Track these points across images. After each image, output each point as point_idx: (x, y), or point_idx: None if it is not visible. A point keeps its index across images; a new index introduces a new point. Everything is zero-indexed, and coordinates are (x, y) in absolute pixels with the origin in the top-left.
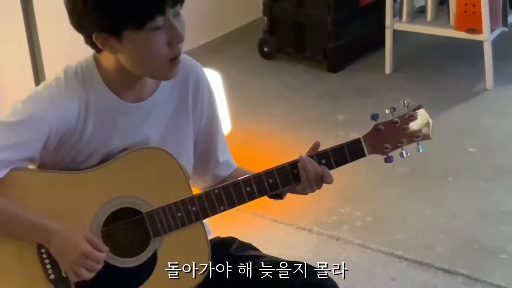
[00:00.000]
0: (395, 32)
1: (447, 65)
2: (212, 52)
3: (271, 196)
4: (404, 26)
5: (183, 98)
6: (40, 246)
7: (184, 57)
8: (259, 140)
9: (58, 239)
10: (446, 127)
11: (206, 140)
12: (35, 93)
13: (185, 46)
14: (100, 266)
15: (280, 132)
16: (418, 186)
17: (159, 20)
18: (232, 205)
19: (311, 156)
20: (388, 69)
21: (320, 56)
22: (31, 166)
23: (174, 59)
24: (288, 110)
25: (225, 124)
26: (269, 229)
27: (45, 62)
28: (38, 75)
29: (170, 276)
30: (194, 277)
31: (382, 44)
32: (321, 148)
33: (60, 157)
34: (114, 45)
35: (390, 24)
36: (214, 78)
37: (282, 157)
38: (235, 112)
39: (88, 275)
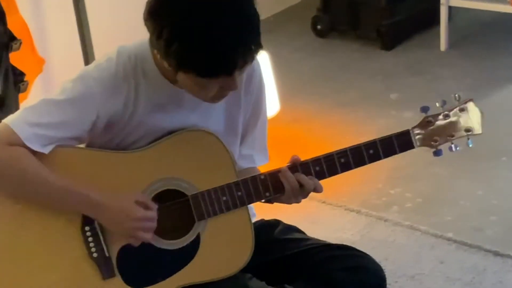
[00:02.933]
0: (451, 9)
1: (503, 42)
2: (265, 30)
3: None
4: (459, 2)
5: (236, 92)
6: (83, 225)
7: None
8: (310, 120)
9: (109, 208)
10: (501, 106)
11: (242, 131)
12: (85, 73)
13: None
14: (155, 224)
15: (331, 112)
16: (470, 167)
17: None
18: (277, 191)
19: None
20: (443, 46)
21: (373, 34)
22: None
23: (217, 96)
24: (339, 89)
25: (274, 103)
26: (317, 210)
27: (94, 41)
28: (87, 53)
29: (213, 259)
30: (237, 261)
31: (437, 21)
32: (371, 129)
33: (109, 138)
34: (170, 67)
35: (445, 0)
36: (263, 57)
37: (333, 137)
38: (286, 91)
39: (148, 236)
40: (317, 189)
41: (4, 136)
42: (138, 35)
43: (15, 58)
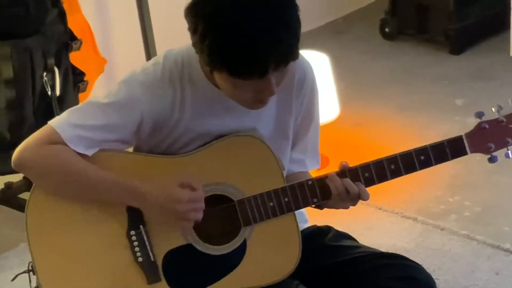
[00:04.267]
0: None
1: None
2: (333, 32)
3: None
4: None
5: (287, 95)
6: (129, 230)
7: None
8: (373, 123)
9: (155, 196)
10: None
11: (294, 135)
12: (132, 76)
13: (306, 26)
14: (203, 204)
15: (395, 116)
16: None
17: (256, 77)
18: (324, 197)
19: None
20: None
21: (441, 37)
22: (129, 149)
23: (256, 102)
24: (405, 93)
25: (334, 107)
26: (373, 217)
27: (157, 41)
28: (150, 54)
29: (259, 266)
30: (284, 268)
31: (507, 26)
32: (433, 134)
33: (157, 143)
34: (206, 65)
35: None
36: (323, 60)
37: (396, 141)
38: (351, 94)
39: (198, 216)
40: (362, 196)
41: (47, 138)
42: None
43: (76, 58)
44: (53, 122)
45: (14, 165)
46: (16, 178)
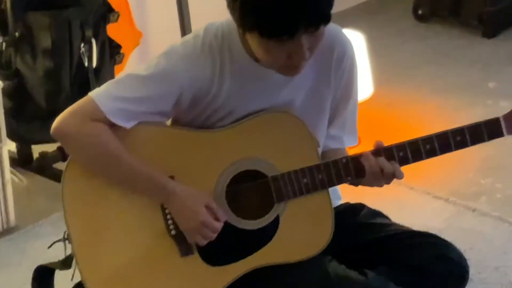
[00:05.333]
0: None
1: None
2: (366, 13)
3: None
4: None
5: (326, 68)
6: None
7: (335, 29)
8: (404, 105)
9: (180, 202)
10: None
11: (332, 111)
12: (171, 49)
13: (340, 6)
14: (215, 235)
15: (427, 98)
16: None
17: (286, 38)
18: (358, 175)
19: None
20: None
21: (475, 20)
22: (168, 122)
23: (290, 67)
24: (437, 76)
25: (367, 86)
26: (405, 196)
27: (192, 16)
28: (185, 28)
29: (292, 241)
30: (316, 244)
31: None
32: (465, 117)
33: (194, 116)
34: (239, 28)
35: None
36: (358, 39)
37: (427, 123)
38: (382, 75)
39: (203, 242)
40: (397, 175)
41: (87, 110)
42: None
43: (113, 30)
44: (94, 94)
45: (53, 134)
46: (50, 147)
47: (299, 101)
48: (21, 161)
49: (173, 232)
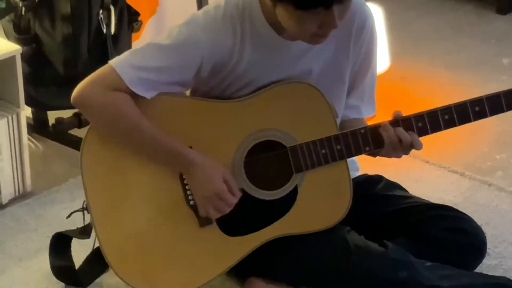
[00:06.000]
0: None
1: None
2: None
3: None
4: None
5: (345, 39)
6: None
7: (357, 0)
8: (418, 79)
9: (198, 172)
10: None
11: (351, 81)
12: (193, 19)
13: None
14: (229, 210)
15: (441, 73)
16: None
17: (320, 9)
18: (377, 145)
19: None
20: None
21: None
22: (187, 92)
23: (318, 36)
24: (451, 51)
25: (384, 60)
26: (420, 170)
27: None
28: (202, 4)
29: (310, 212)
30: (334, 215)
31: None
32: (480, 93)
33: (213, 86)
34: (269, 3)
35: None
36: (377, 12)
37: (441, 98)
38: (397, 49)
39: (216, 215)
40: (415, 145)
41: (108, 80)
42: None
43: None
44: (114, 62)
45: (73, 102)
46: (66, 114)
47: (317, 70)
48: (37, 127)
49: (192, 202)
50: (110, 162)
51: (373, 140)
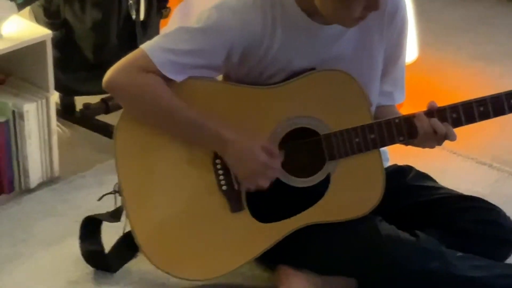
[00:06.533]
0: None
1: None
2: None
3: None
4: None
5: (378, 25)
6: (215, 157)
7: None
8: (445, 70)
9: (236, 149)
10: None
11: (383, 66)
12: (223, 3)
13: None
14: (276, 174)
15: (467, 64)
16: None
17: None
18: (410, 135)
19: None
20: None
21: None
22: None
23: (357, 19)
24: (477, 42)
25: (412, 50)
26: (448, 160)
27: None
28: None
29: (342, 200)
30: (366, 204)
31: None
32: (508, 85)
33: (245, 73)
34: None
35: None
36: (407, 1)
37: (467, 89)
38: (424, 40)
39: (265, 184)
40: (449, 136)
41: (139, 62)
42: None
43: None
44: (145, 46)
45: (105, 86)
46: (94, 99)
47: (349, 55)
48: (64, 112)
49: (224, 187)
50: (143, 146)
51: (407, 130)
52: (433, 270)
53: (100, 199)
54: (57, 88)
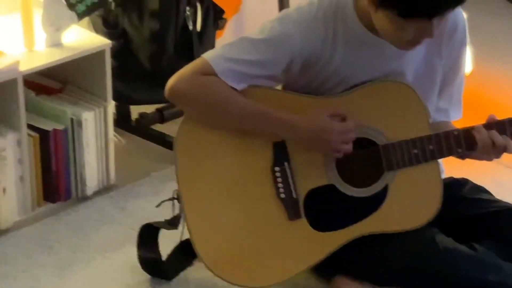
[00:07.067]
0: None
1: None
2: None
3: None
4: None
5: (437, 42)
6: (274, 165)
7: None
8: (500, 85)
9: (305, 127)
10: None
11: (440, 83)
12: (286, 15)
13: None
14: (354, 134)
15: None
16: None
17: (422, 19)
18: (469, 148)
19: None
20: None
21: None
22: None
23: (412, 43)
24: None
25: (467, 63)
26: (503, 174)
27: None
28: (283, 4)
29: (399, 211)
30: (424, 215)
31: None
32: None
33: (305, 82)
34: (370, 6)
35: None
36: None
37: None
38: (478, 52)
39: (349, 147)
40: (508, 149)
41: (200, 70)
42: None
43: None
44: (207, 55)
45: (167, 94)
46: (149, 108)
47: (410, 72)
48: (120, 121)
49: (282, 196)
50: (203, 154)
51: (466, 142)
52: (492, 282)
53: (158, 205)
54: (113, 97)
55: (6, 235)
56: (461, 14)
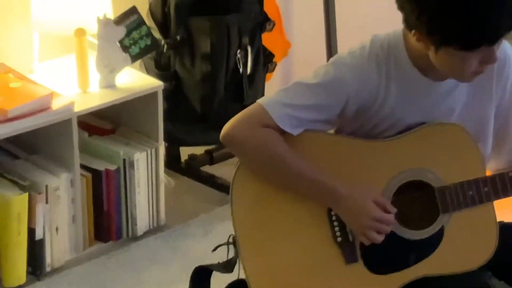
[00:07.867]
0: None
1: None
2: None
3: None
4: None
5: (487, 78)
6: (330, 208)
7: None
8: None
9: (349, 204)
10: None
11: (504, 122)
12: (339, 59)
13: None
14: (390, 228)
15: None
16: None
17: (484, 47)
18: None
19: None
20: None
21: None
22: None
23: (475, 73)
24: None
25: None
26: None
27: (339, 33)
28: (331, 44)
29: (455, 253)
30: (479, 257)
31: None
32: None
33: (358, 126)
34: (428, 47)
35: None
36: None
37: None
38: None
39: (379, 238)
40: None
41: (257, 116)
42: (385, 30)
43: (265, 39)
44: (263, 101)
45: (222, 140)
46: (199, 150)
47: (458, 109)
48: (170, 162)
49: (339, 239)
50: (259, 198)
51: None
52: None
53: (214, 249)
54: (164, 138)
55: (58, 273)
56: (509, 48)
